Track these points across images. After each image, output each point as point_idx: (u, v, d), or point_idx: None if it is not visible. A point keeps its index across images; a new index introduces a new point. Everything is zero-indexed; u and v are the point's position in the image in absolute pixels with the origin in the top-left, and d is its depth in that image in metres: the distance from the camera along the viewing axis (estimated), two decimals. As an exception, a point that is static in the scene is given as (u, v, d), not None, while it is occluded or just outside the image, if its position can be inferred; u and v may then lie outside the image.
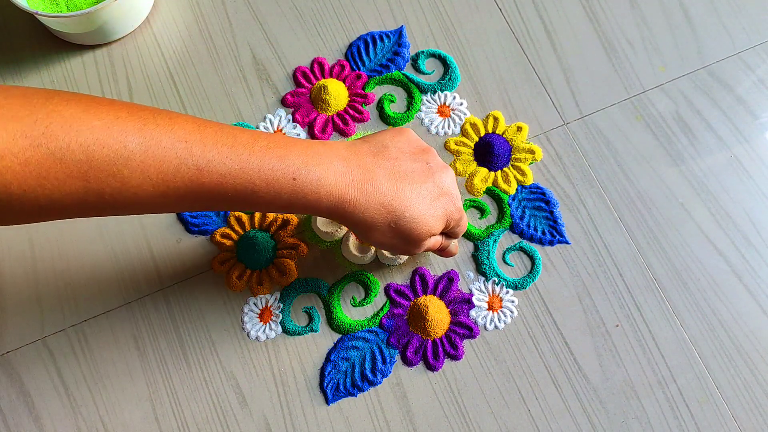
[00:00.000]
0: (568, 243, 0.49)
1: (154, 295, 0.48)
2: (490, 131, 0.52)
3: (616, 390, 0.46)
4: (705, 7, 0.55)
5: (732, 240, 0.49)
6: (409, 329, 0.47)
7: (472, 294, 0.48)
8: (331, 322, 0.47)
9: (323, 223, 0.49)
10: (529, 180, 0.50)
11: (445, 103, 0.53)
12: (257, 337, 0.47)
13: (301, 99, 0.53)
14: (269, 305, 0.48)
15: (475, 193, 0.50)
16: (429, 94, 0.53)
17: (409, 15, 0.55)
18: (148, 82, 0.53)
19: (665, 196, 0.50)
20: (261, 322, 0.48)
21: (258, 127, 0.52)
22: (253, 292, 0.48)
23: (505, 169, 0.51)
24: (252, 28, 0.55)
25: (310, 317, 0.48)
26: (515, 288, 0.48)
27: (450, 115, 0.52)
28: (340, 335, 0.47)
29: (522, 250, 0.49)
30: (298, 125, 0.52)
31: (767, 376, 0.46)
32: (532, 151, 0.51)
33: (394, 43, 0.54)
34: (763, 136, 0.52)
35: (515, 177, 0.51)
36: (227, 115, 0.52)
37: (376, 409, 0.46)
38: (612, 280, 0.48)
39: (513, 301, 0.48)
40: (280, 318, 0.47)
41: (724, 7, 0.55)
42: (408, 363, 0.47)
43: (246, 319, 0.48)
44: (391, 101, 0.53)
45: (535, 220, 0.50)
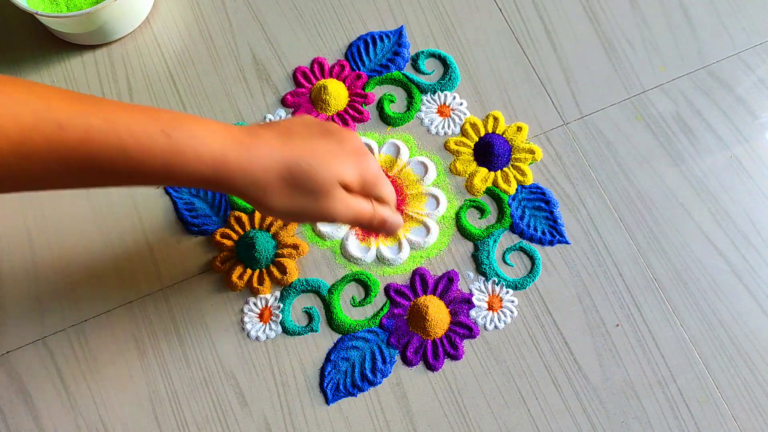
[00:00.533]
0: (568, 243, 0.49)
1: (154, 295, 0.48)
2: (490, 131, 0.52)
3: (616, 390, 0.46)
4: (705, 7, 0.55)
5: (732, 240, 0.49)
6: (409, 329, 0.47)
7: (472, 294, 0.48)
8: (331, 322, 0.47)
9: (323, 223, 0.49)
10: (529, 180, 0.50)
11: (445, 103, 0.53)
12: (257, 337, 0.47)
13: (301, 99, 0.53)
14: (269, 305, 0.48)
15: (475, 193, 0.50)
16: (429, 94, 0.53)
17: (409, 15, 0.55)
18: (148, 82, 0.53)
19: (665, 196, 0.50)
20: (261, 322, 0.48)
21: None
22: (253, 292, 0.48)
23: (505, 169, 0.51)
24: (252, 28, 0.55)
25: (310, 317, 0.48)
26: (515, 288, 0.48)
27: (450, 115, 0.52)
28: (340, 335, 0.47)
29: (522, 250, 0.49)
30: (298, 125, 0.52)
31: (767, 376, 0.46)
32: (532, 151, 0.51)
33: (394, 43, 0.54)
34: (763, 136, 0.52)
35: (515, 177, 0.51)
36: (227, 115, 0.52)
37: (376, 409, 0.46)
38: (612, 280, 0.48)
39: (513, 301, 0.48)
40: (280, 318, 0.47)
41: (724, 7, 0.55)
42: (408, 363, 0.47)
43: (246, 319, 0.48)
44: (391, 101, 0.53)
45: (535, 220, 0.50)
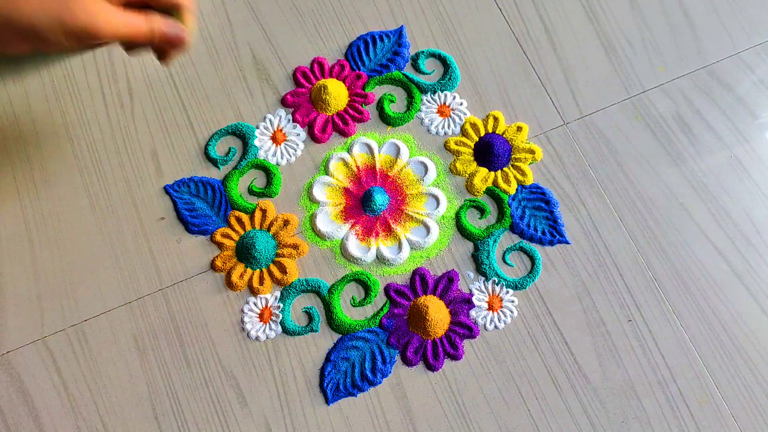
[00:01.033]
0: (568, 243, 0.49)
1: (154, 295, 0.48)
2: (490, 131, 0.52)
3: (616, 390, 0.46)
4: (705, 7, 0.55)
5: (732, 240, 0.49)
6: (409, 329, 0.47)
7: (472, 294, 0.48)
8: (331, 322, 0.47)
9: (323, 222, 0.49)
10: (529, 180, 0.50)
11: (445, 103, 0.53)
12: (257, 337, 0.47)
13: (301, 99, 0.53)
14: (269, 305, 0.48)
15: (475, 193, 0.50)
16: (429, 94, 0.53)
17: (409, 15, 0.55)
18: (148, 82, 0.53)
19: (665, 196, 0.50)
20: (261, 322, 0.48)
21: (258, 127, 0.52)
22: (253, 292, 0.48)
23: (505, 169, 0.51)
24: (252, 28, 0.55)
25: (310, 317, 0.48)
26: (515, 288, 0.48)
27: (450, 115, 0.52)
28: (340, 335, 0.47)
29: (522, 250, 0.49)
30: (298, 125, 0.52)
31: (767, 376, 0.46)
32: (532, 151, 0.51)
33: (394, 43, 0.54)
34: (763, 136, 0.52)
35: (515, 177, 0.51)
36: (227, 115, 0.52)
37: (376, 409, 0.46)
38: (612, 280, 0.48)
39: (513, 301, 0.48)
40: (280, 318, 0.47)
41: (724, 7, 0.55)
42: (408, 363, 0.47)
43: (246, 319, 0.48)
44: (391, 101, 0.53)
45: (535, 220, 0.50)
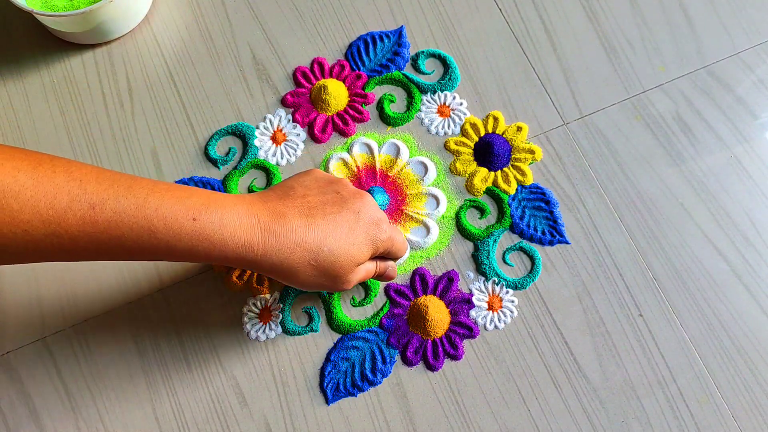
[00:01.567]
0: (568, 243, 0.49)
1: (154, 295, 0.48)
2: (490, 131, 0.52)
3: (616, 390, 0.46)
4: (705, 7, 0.55)
5: (732, 240, 0.49)
6: (409, 329, 0.47)
7: (472, 294, 0.48)
8: (331, 322, 0.47)
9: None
10: (529, 180, 0.50)
11: (445, 103, 0.53)
12: (257, 337, 0.47)
13: (301, 99, 0.53)
14: (269, 305, 0.48)
15: (475, 193, 0.50)
16: (429, 94, 0.53)
17: (409, 15, 0.55)
18: (148, 82, 0.53)
19: (665, 196, 0.50)
20: (261, 322, 0.48)
21: (258, 127, 0.52)
22: (253, 292, 0.48)
23: (505, 169, 0.51)
24: (252, 28, 0.55)
25: (310, 317, 0.48)
26: (515, 288, 0.48)
27: (450, 115, 0.52)
28: (340, 335, 0.47)
29: (522, 250, 0.49)
30: (298, 125, 0.52)
31: (767, 376, 0.46)
32: (532, 151, 0.51)
33: (394, 43, 0.54)
34: (763, 136, 0.52)
35: (515, 177, 0.51)
36: (227, 115, 0.52)
37: (376, 409, 0.46)
38: (612, 280, 0.48)
39: (513, 301, 0.48)
40: (280, 318, 0.47)
41: (724, 7, 0.55)
42: (408, 363, 0.47)
43: (246, 319, 0.48)
44: (391, 101, 0.53)
45: (535, 220, 0.50)
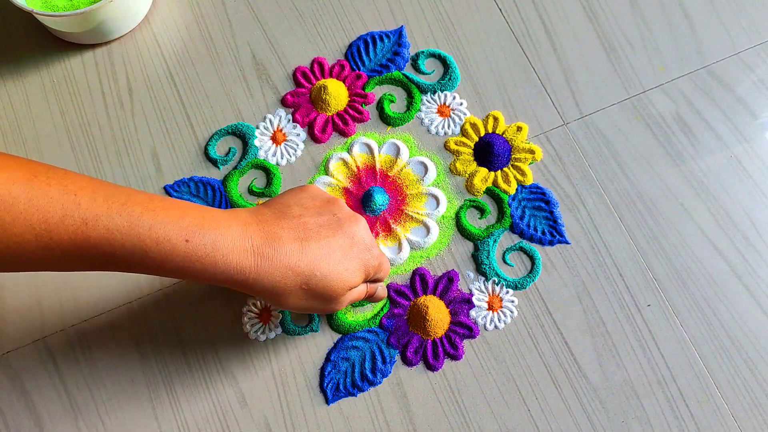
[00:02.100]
0: (568, 243, 0.49)
1: (154, 295, 0.48)
2: (490, 131, 0.52)
3: (616, 390, 0.46)
4: (705, 7, 0.55)
5: (732, 240, 0.49)
6: (409, 329, 0.47)
7: (472, 294, 0.48)
8: (331, 322, 0.47)
9: None
10: (529, 180, 0.50)
11: (445, 103, 0.53)
12: (257, 337, 0.47)
13: (301, 99, 0.53)
14: (269, 305, 0.48)
15: (475, 193, 0.50)
16: (429, 94, 0.53)
17: (409, 15, 0.55)
18: (148, 82, 0.53)
19: (665, 196, 0.50)
20: (261, 322, 0.48)
21: (258, 127, 0.52)
22: (253, 292, 0.48)
23: (505, 169, 0.51)
24: (252, 28, 0.55)
25: (310, 317, 0.48)
26: (515, 288, 0.48)
27: (450, 115, 0.52)
28: (340, 335, 0.47)
29: (522, 250, 0.49)
30: (298, 125, 0.52)
31: (767, 376, 0.46)
32: (532, 151, 0.51)
33: (394, 43, 0.54)
34: (763, 136, 0.52)
35: (515, 177, 0.51)
36: (227, 115, 0.52)
37: (376, 409, 0.46)
38: (612, 280, 0.48)
39: (513, 301, 0.48)
40: (280, 318, 0.47)
41: (724, 7, 0.55)
42: (408, 363, 0.47)
43: (246, 319, 0.48)
44: (391, 101, 0.53)
45: (535, 220, 0.50)
